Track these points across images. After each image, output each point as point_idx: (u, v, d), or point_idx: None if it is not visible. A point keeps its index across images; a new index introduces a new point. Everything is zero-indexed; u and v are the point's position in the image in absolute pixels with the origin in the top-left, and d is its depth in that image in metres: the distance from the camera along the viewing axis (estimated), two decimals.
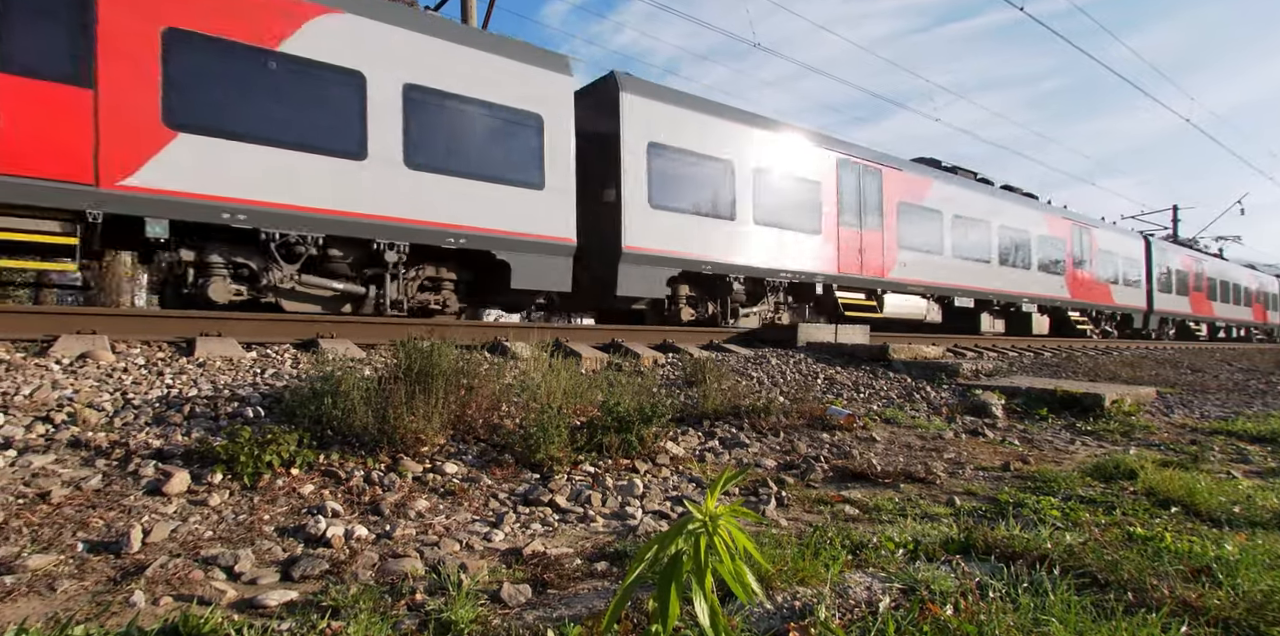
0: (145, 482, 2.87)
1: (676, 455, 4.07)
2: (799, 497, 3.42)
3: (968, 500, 3.44)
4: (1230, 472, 4.13)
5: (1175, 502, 3.27)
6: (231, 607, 1.96)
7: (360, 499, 2.99)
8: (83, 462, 3.04)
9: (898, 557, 2.45)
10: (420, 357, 4.07)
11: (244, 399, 4.13)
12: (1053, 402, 6.32)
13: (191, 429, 3.55)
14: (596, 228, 9.80)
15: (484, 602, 2.03)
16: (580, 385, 4.57)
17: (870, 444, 4.74)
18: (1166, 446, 5.09)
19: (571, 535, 2.80)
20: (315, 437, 3.48)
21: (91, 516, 2.53)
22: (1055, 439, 5.29)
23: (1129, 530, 2.76)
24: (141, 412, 3.73)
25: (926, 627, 1.79)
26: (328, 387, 3.71)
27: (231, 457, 3.03)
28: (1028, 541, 2.52)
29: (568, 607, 2.02)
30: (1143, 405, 6.70)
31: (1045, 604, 1.93)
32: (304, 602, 2.00)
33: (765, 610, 1.97)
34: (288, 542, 2.50)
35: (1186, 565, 2.29)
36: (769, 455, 4.28)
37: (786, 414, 5.16)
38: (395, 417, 3.53)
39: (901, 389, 6.96)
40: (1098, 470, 4.00)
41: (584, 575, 2.30)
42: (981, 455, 4.61)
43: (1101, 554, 2.36)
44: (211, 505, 2.75)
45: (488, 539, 2.66)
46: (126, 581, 2.08)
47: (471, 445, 3.84)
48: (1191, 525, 2.94)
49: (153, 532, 2.43)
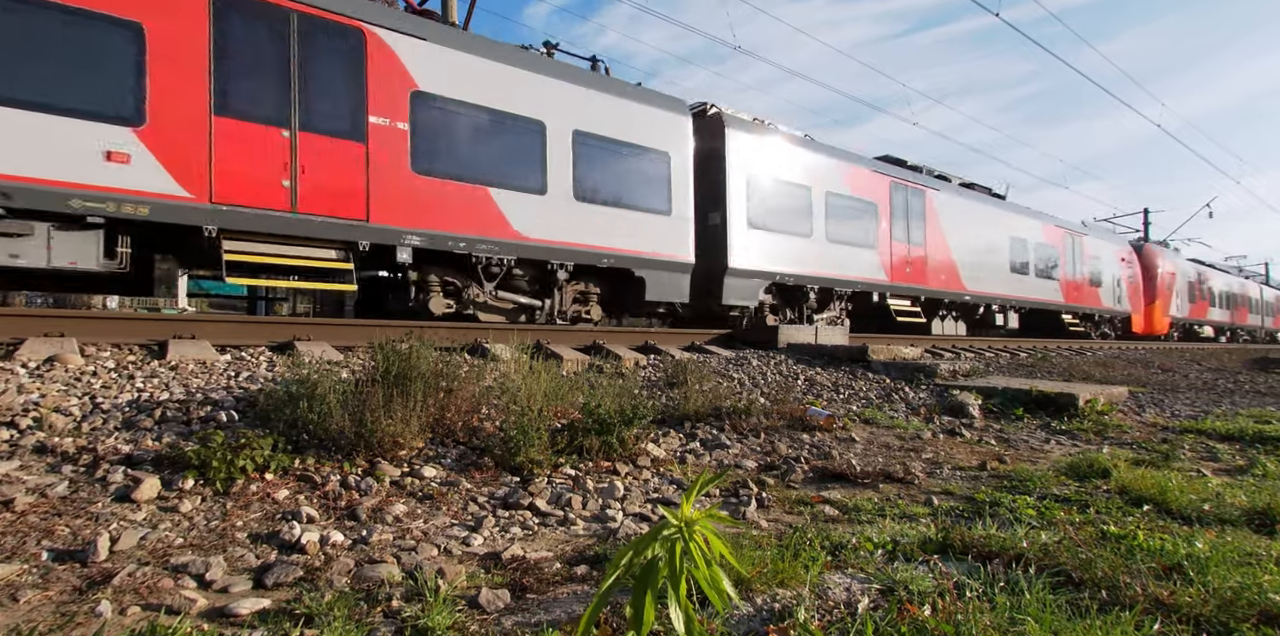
0: (114, 489, 2.80)
1: (658, 457, 4.06)
2: (779, 498, 3.43)
3: (945, 500, 3.47)
4: (1200, 471, 4.21)
5: (1147, 501, 3.32)
6: (201, 616, 1.92)
7: (336, 504, 2.95)
8: (48, 469, 2.97)
9: (876, 558, 2.46)
10: (399, 360, 4.02)
11: (217, 403, 4.05)
12: (1028, 402, 6.41)
13: (163, 433, 3.47)
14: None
15: (462, 608, 2.00)
16: (561, 387, 4.54)
17: (850, 444, 4.77)
18: (1139, 445, 5.18)
19: (551, 538, 2.78)
20: (291, 442, 3.42)
21: (57, 524, 2.47)
22: (1031, 438, 5.36)
23: (1103, 528, 2.80)
24: (111, 417, 3.65)
25: (905, 628, 1.80)
26: (304, 391, 3.66)
27: (204, 463, 2.97)
28: (1004, 540, 2.54)
29: (546, 612, 2.01)
30: (1115, 404, 6.81)
31: (1021, 603, 1.95)
32: (277, 610, 1.96)
33: (745, 613, 1.97)
34: (261, 549, 2.45)
35: (1159, 563, 2.33)
36: (750, 456, 4.29)
37: (767, 415, 5.17)
38: (373, 421, 3.48)
39: (880, 389, 7.02)
40: (1072, 469, 4.06)
41: (564, 579, 2.28)
42: (959, 455, 4.66)
43: (1076, 552, 2.39)
44: (183, 511, 2.69)
45: (466, 543, 2.63)
46: (93, 591, 2.03)
47: (451, 448, 3.81)
48: (1163, 523, 2.99)
49: (121, 540, 2.37)
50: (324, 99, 7.34)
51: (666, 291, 10.31)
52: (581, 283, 9.97)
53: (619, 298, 10.52)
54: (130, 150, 6.17)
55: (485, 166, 8.47)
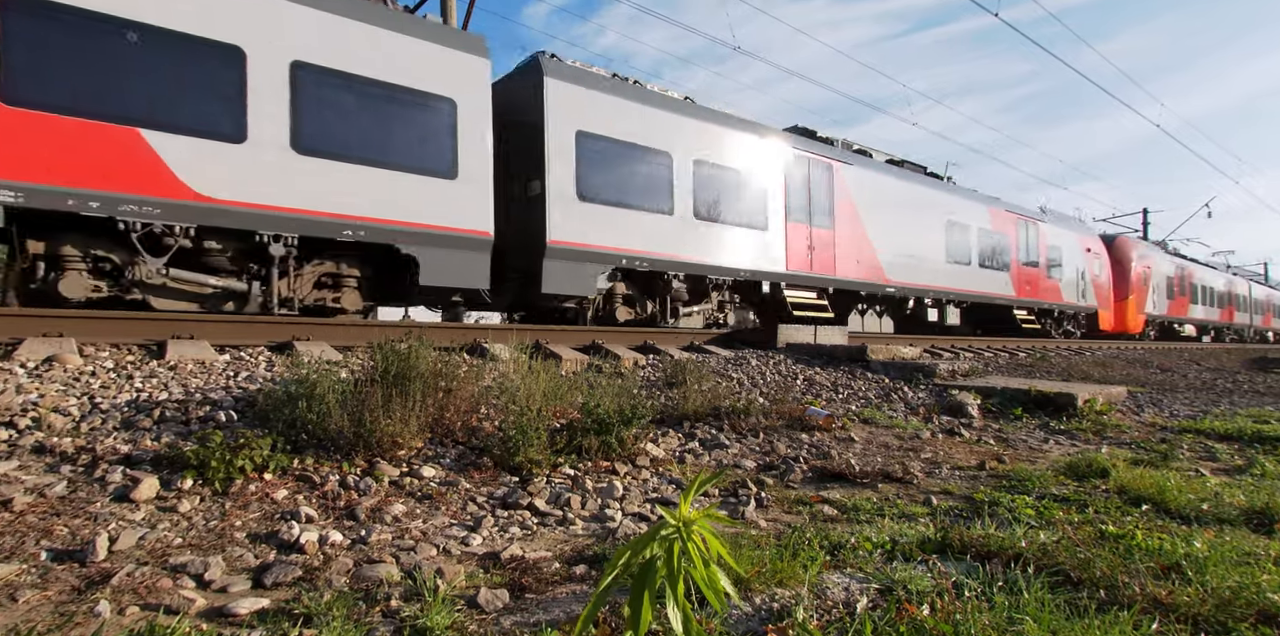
0: (113, 489, 2.80)
1: (656, 457, 4.06)
2: (778, 498, 3.43)
3: (944, 499, 3.48)
4: (1199, 470, 4.21)
5: (1146, 500, 3.32)
6: (200, 616, 1.92)
7: (335, 504, 2.95)
8: (47, 469, 2.97)
9: (875, 558, 2.47)
10: (397, 360, 4.02)
11: (216, 403, 4.05)
12: (1027, 402, 6.41)
13: (161, 434, 3.47)
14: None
15: (460, 608, 2.01)
16: (560, 387, 4.55)
17: (849, 444, 4.77)
18: (1137, 445, 5.18)
19: (550, 538, 2.78)
20: (289, 442, 3.42)
21: (56, 524, 2.47)
22: (1030, 438, 5.36)
23: (1101, 528, 2.80)
24: (109, 417, 3.65)
25: (903, 628, 1.80)
26: (302, 391, 3.66)
27: (202, 463, 2.97)
28: (1003, 540, 2.54)
29: (545, 612, 2.01)
30: (1114, 404, 6.82)
31: (1020, 602, 1.95)
32: (275, 610, 1.96)
33: (744, 612, 1.97)
34: (260, 549, 2.45)
35: (1157, 562, 2.33)
36: (748, 456, 4.29)
37: (766, 415, 5.17)
38: (372, 421, 3.48)
39: (879, 389, 7.02)
40: (1071, 469, 4.06)
41: (562, 579, 2.28)
42: (958, 454, 4.66)
43: (1074, 552, 2.39)
44: (181, 511, 2.69)
45: (465, 543, 2.63)
46: (91, 591, 2.03)
47: (450, 448, 3.81)
48: (1162, 522, 2.99)
49: (120, 540, 2.37)
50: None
51: (452, 275, 8.34)
52: (328, 262, 8.03)
53: (397, 283, 8.61)
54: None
55: (135, 100, 6.42)
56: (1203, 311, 29.94)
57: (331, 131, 7.55)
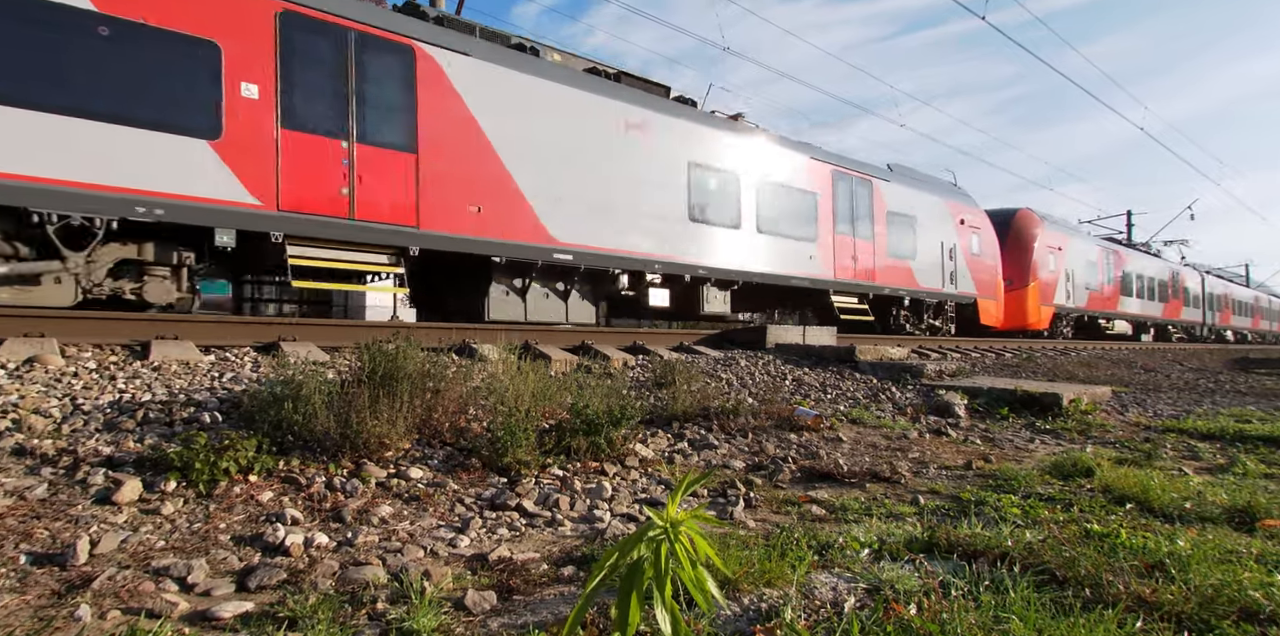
0: (94, 491, 2.76)
1: (646, 457, 4.06)
2: (767, 498, 3.44)
3: (931, 499, 3.49)
4: (1182, 469, 4.26)
5: (1130, 499, 3.35)
6: (183, 620, 1.90)
7: (321, 506, 2.92)
8: (27, 471, 2.92)
9: (863, 557, 2.47)
10: (385, 360, 4.00)
11: (200, 404, 4.01)
12: (1013, 402, 6.46)
13: (145, 435, 3.43)
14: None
15: (447, 610, 1.99)
16: (549, 387, 4.53)
17: (837, 444, 4.79)
18: (1122, 444, 5.23)
19: (539, 539, 2.77)
20: (275, 443, 3.39)
21: (35, 527, 2.43)
22: (1016, 437, 5.40)
23: (1086, 527, 2.82)
24: (91, 419, 3.60)
25: (890, 627, 1.81)
26: (288, 392, 3.62)
27: (186, 464, 2.93)
28: (989, 539, 2.56)
29: (533, 614, 2.00)
30: (1099, 404, 6.88)
31: (1006, 601, 1.96)
32: (260, 613, 1.94)
33: (731, 613, 1.97)
34: (244, 551, 2.43)
35: (1141, 561, 2.35)
36: (737, 456, 4.29)
37: (755, 415, 5.18)
38: (359, 422, 3.46)
39: (867, 389, 7.05)
40: (1056, 468, 4.09)
41: (550, 580, 2.28)
42: (945, 454, 4.69)
43: (1060, 551, 2.41)
44: (164, 514, 2.66)
45: (453, 545, 2.62)
46: (72, 594, 2.00)
47: (437, 449, 3.79)
48: (1146, 521, 3.02)
49: (101, 543, 2.34)
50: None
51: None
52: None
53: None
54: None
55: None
56: (1139, 305, 25.60)
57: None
